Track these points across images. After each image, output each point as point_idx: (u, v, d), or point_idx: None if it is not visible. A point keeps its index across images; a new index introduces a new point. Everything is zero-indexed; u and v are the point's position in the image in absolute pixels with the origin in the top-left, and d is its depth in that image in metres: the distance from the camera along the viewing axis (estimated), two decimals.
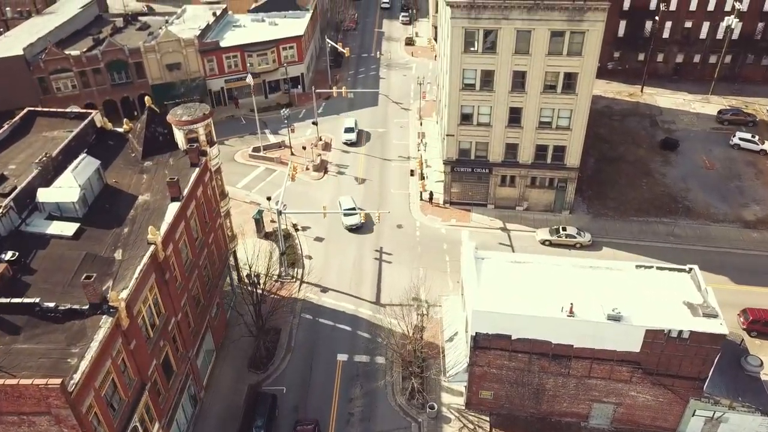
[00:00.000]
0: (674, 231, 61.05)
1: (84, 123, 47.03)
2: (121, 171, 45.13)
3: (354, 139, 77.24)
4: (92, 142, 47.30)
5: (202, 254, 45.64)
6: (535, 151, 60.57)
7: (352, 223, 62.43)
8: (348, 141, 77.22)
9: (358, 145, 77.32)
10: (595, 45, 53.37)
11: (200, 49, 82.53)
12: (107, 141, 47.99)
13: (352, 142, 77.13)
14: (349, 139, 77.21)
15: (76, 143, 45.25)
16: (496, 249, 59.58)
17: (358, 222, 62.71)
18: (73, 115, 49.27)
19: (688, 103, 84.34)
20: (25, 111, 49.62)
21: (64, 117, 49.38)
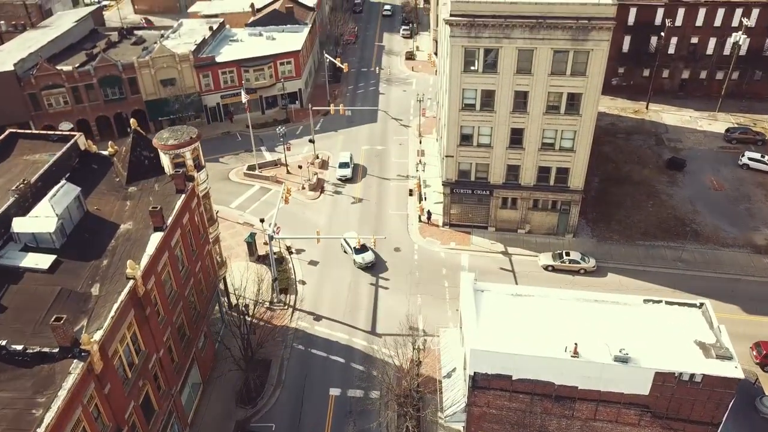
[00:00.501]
0: (682, 256, 58.80)
1: (66, 146, 45.10)
2: (103, 197, 43.15)
3: (349, 175, 72.52)
4: (75, 165, 45.37)
5: (188, 284, 43.57)
6: (537, 173, 58.50)
7: (367, 261, 58.53)
8: (342, 177, 72.36)
9: (353, 181, 72.44)
10: (600, 65, 51.41)
11: (195, 64, 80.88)
12: (91, 164, 46.07)
13: (347, 178, 72.42)
14: (343, 175, 72.44)
15: (58, 168, 43.32)
16: (496, 274, 57.56)
17: (372, 259, 58.90)
18: (56, 138, 47.38)
19: (694, 121, 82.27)
20: (6, 133, 47.78)
21: (46, 139, 47.50)
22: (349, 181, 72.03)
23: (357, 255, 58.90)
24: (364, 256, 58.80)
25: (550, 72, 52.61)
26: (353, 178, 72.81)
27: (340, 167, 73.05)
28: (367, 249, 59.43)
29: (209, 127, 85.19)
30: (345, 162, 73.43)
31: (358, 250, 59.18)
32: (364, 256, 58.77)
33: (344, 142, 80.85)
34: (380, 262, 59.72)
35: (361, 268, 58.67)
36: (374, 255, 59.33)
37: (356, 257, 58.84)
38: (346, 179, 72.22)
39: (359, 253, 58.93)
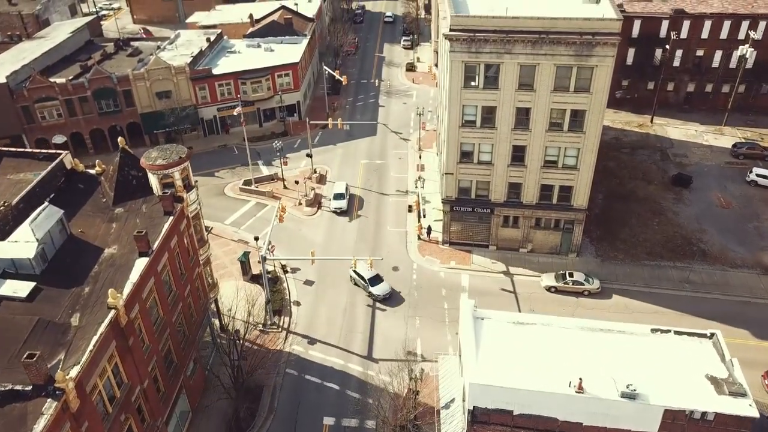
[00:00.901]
0: (689, 277, 56.93)
1: (51, 165, 43.53)
2: (89, 219, 41.51)
3: (344, 208, 67.81)
4: (60, 185, 43.78)
5: (175, 310, 41.86)
6: (539, 191, 56.78)
7: (385, 293, 55.31)
8: (337, 209, 67.92)
9: (348, 213, 67.89)
10: (605, 81, 49.80)
11: (192, 76, 79.51)
12: (77, 184, 44.47)
13: (342, 210, 67.91)
14: (338, 207, 67.87)
15: (42, 188, 41.74)
16: (498, 296, 55.81)
17: (389, 290, 55.67)
18: (41, 156, 45.88)
19: (700, 135, 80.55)
20: None
21: (32, 158, 46.05)
22: (343, 214, 67.75)
23: (373, 287, 55.44)
24: (380, 287, 55.50)
25: (552, 88, 51.01)
26: (349, 210, 68.45)
27: (335, 199, 68.84)
28: (381, 279, 56.31)
29: (205, 140, 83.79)
30: (340, 193, 69.24)
31: (373, 280, 55.96)
32: (381, 287, 55.47)
33: (343, 156, 79.30)
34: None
35: (377, 299, 55.68)
36: (388, 287, 55.93)
37: (373, 290, 55.24)
38: (341, 212, 67.98)
39: (375, 285, 55.60)
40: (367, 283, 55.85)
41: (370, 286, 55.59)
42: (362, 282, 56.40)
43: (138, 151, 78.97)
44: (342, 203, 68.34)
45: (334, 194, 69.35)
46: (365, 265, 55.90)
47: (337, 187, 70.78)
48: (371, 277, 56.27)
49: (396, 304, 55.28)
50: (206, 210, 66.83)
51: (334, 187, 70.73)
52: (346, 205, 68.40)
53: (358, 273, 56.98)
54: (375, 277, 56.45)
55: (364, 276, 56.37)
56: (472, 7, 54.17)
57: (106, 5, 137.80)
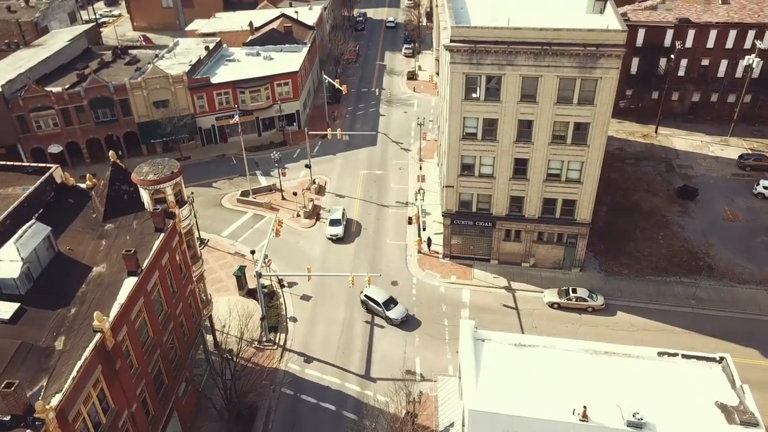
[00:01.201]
0: (696, 293, 55.52)
1: (41, 180, 42.42)
2: (78, 235, 40.34)
3: (340, 234, 64.05)
4: (50, 200, 42.66)
5: (166, 329, 40.61)
6: (542, 205, 55.50)
7: (402, 316, 53.11)
8: (333, 236, 64.08)
9: (345, 241, 64.23)
10: (609, 93, 48.55)
11: (189, 85, 78.49)
12: (67, 199, 43.33)
13: (339, 237, 64.16)
14: (334, 234, 64.04)
15: (30, 203, 40.62)
16: (499, 312, 54.48)
17: (404, 312, 53.45)
18: (31, 170, 44.79)
19: (705, 146, 79.21)
20: None
21: (21, 171, 44.97)
22: (340, 241, 64.13)
23: (389, 311, 53.01)
24: (397, 310, 53.23)
25: (555, 100, 49.79)
26: (345, 237, 64.60)
27: (331, 225, 64.97)
28: (395, 301, 54.27)
29: (203, 150, 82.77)
30: (336, 219, 65.43)
31: (387, 303, 53.58)
32: (397, 311, 53.17)
33: (342, 166, 78.15)
34: None
35: (395, 324, 53.28)
36: (404, 310, 53.66)
37: (389, 314, 52.79)
38: (337, 239, 64.28)
39: (390, 309, 53.31)
40: (382, 308, 53.33)
41: (385, 310, 53.12)
42: (376, 306, 53.86)
43: (135, 161, 78.94)
44: (338, 230, 64.63)
45: (330, 220, 65.57)
46: (377, 288, 54.46)
47: (333, 212, 66.88)
48: (385, 301, 53.76)
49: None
50: (203, 222, 66.18)
51: (331, 212, 66.96)
52: (342, 231, 64.59)
53: (370, 297, 54.33)
54: (389, 300, 53.99)
55: (377, 300, 53.87)
56: (474, 17, 53.04)
57: (107, 12, 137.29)
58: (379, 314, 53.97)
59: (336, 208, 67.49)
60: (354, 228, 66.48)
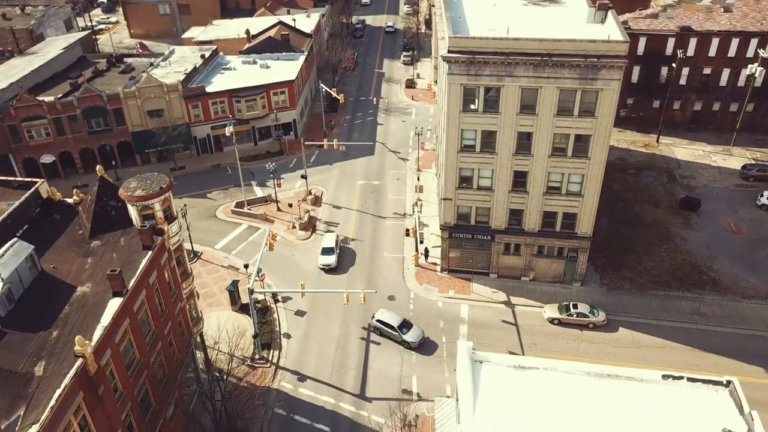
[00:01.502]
0: (699, 309, 54.23)
1: (26, 195, 41.19)
2: (63, 253, 39.10)
3: (333, 265, 59.46)
4: (35, 216, 41.44)
5: (154, 350, 39.31)
6: (542, 219, 54.29)
7: (420, 339, 51.06)
8: (325, 266, 59.72)
9: (338, 271, 59.84)
10: (611, 105, 47.40)
11: (184, 94, 77.39)
12: (53, 215, 42.14)
13: (331, 267, 59.75)
14: (326, 264, 59.61)
15: (15, 220, 39.37)
16: (498, 328, 53.21)
17: (421, 334, 51.37)
18: (16, 185, 43.56)
19: (708, 155, 78.04)
20: None
21: (6, 186, 43.68)
22: (332, 272, 59.97)
23: (405, 335, 50.74)
24: (413, 333, 51.08)
25: (555, 112, 48.64)
26: (339, 266, 60.14)
27: (323, 254, 60.47)
28: (410, 323, 52.04)
29: (198, 159, 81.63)
30: (329, 247, 60.84)
31: (403, 327, 51.25)
32: (414, 333, 51.03)
33: (339, 176, 76.96)
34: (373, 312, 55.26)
35: (409, 347, 51.05)
36: (420, 333, 51.57)
37: (406, 338, 50.52)
38: (329, 269, 59.84)
39: (406, 332, 50.94)
40: (398, 331, 50.91)
41: (401, 334, 50.70)
42: (391, 331, 51.42)
43: (129, 171, 78.13)
44: (330, 259, 60.05)
45: (322, 248, 61.15)
46: (388, 312, 52.70)
47: (326, 239, 62.37)
48: (400, 324, 51.48)
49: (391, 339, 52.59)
50: (196, 234, 65.01)
51: (323, 239, 62.56)
52: (335, 261, 60.04)
53: (383, 321, 51.88)
54: (404, 323, 51.69)
55: (391, 323, 51.50)
56: (472, 27, 51.92)
57: (104, 19, 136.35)
58: (394, 339, 51.46)
59: (329, 234, 63.60)
60: (349, 253, 62.73)
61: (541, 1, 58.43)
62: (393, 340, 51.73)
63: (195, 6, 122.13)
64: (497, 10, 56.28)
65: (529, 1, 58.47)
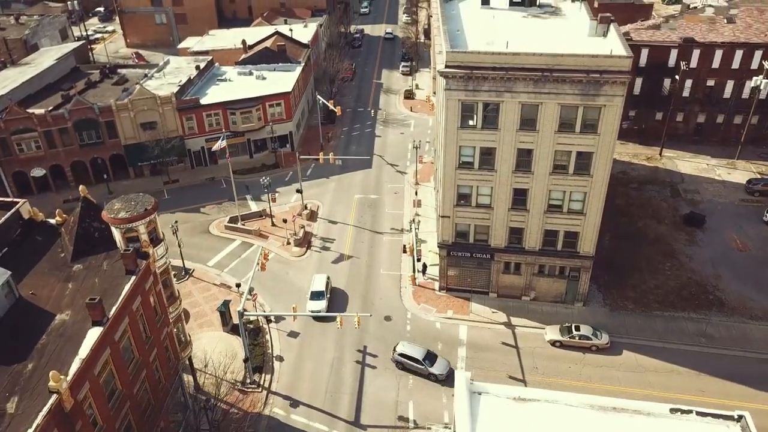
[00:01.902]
0: (706, 330, 52.50)
1: (6, 216, 39.62)
2: (43, 278, 37.47)
3: (323, 311, 54.00)
4: (16, 237, 39.87)
5: (138, 378, 37.63)
6: (543, 237, 52.64)
7: (447, 372, 48.18)
8: (315, 312, 53.83)
9: (329, 319, 54.07)
10: (614, 122, 45.86)
11: (178, 107, 75.95)
12: (35, 236, 40.54)
13: (320, 315, 53.69)
14: (315, 310, 54.09)
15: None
16: (498, 351, 51.47)
17: (447, 365, 48.74)
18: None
19: (712, 169, 76.46)
20: None
21: None
22: (323, 319, 54.64)
23: (433, 368, 48.03)
24: (440, 365, 48.38)
25: (557, 129, 47.09)
26: (331, 312, 54.32)
27: (312, 299, 55.33)
28: (435, 354, 49.29)
29: (193, 173, 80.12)
30: (319, 291, 55.61)
31: (428, 359, 48.47)
32: (440, 365, 48.32)
33: (336, 190, 75.39)
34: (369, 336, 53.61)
35: (440, 381, 48.51)
36: (447, 365, 48.85)
37: (433, 370, 47.88)
38: (319, 316, 54.30)
39: (433, 365, 48.20)
40: (424, 364, 48.09)
41: (428, 367, 47.90)
42: (415, 365, 48.58)
43: (121, 185, 76.61)
44: (320, 305, 54.64)
45: (312, 292, 55.77)
46: (409, 344, 50.00)
47: (315, 281, 57.06)
48: (425, 356, 48.71)
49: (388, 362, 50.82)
50: (188, 250, 63.42)
51: (313, 281, 57.25)
52: (325, 306, 54.72)
53: (406, 355, 48.86)
54: (429, 355, 48.97)
55: (415, 356, 48.66)
56: (471, 40, 50.48)
57: (100, 28, 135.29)
58: (419, 372, 48.70)
59: (318, 276, 58.02)
60: (341, 297, 57.61)
61: (542, 13, 57.06)
62: (418, 374, 48.92)
63: (191, 15, 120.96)
64: (496, 22, 54.92)
65: (529, 14, 57.10)
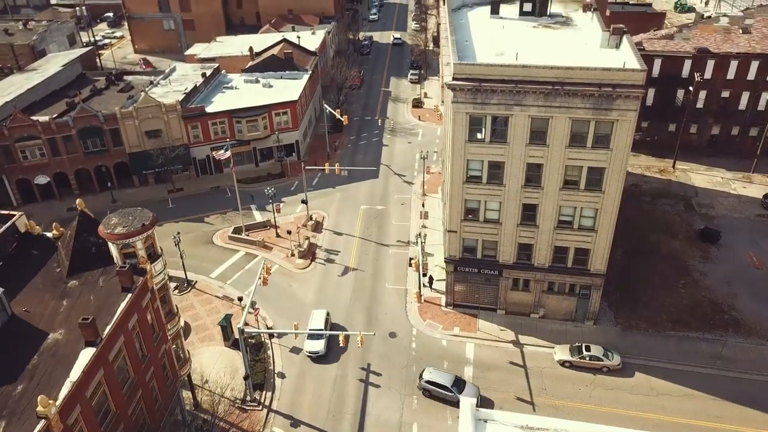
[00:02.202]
0: (722, 352, 50.77)
1: (2, 229, 38.75)
2: (37, 294, 36.53)
3: (321, 352, 50.60)
4: (11, 251, 38.98)
5: (133, 398, 36.54)
6: (552, 254, 51.17)
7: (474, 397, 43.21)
8: (312, 354, 50.81)
9: (327, 359, 50.88)
10: (627, 137, 44.40)
11: (183, 115, 75.13)
12: (31, 250, 39.64)
13: (319, 355, 50.83)
14: (313, 351, 50.71)
15: None
16: (506, 370, 50.02)
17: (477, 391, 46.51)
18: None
19: (726, 183, 74.67)
20: None
21: None
22: (321, 359, 51.03)
23: (463, 395, 44.81)
24: (470, 391, 46.20)
25: (567, 143, 45.69)
26: (328, 354, 51.11)
27: (310, 338, 51.41)
28: (464, 381, 47.46)
29: (197, 181, 79.23)
30: (317, 330, 51.40)
31: (457, 386, 46.39)
32: (471, 391, 46.17)
33: (341, 201, 74.23)
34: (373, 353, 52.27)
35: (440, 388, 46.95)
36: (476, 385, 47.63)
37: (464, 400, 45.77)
38: (317, 357, 50.93)
39: (462, 391, 45.90)
40: (453, 391, 45.93)
41: (458, 393, 45.35)
42: (444, 392, 46.55)
43: (125, 193, 75.85)
44: (318, 345, 50.96)
45: (309, 329, 51.46)
46: (436, 371, 47.90)
47: (314, 318, 53.28)
48: (454, 382, 46.71)
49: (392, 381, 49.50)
50: (191, 261, 62.41)
51: (311, 319, 53.40)
52: (324, 347, 50.98)
53: (433, 382, 46.70)
54: (457, 381, 47.06)
55: (444, 383, 46.56)
56: (479, 51, 49.29)
57: (109, 34, 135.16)
58: (448, 400, 46.52)
59: (317, 312, 54.04)
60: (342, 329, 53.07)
61: (552, 23, 55.78)
62: (446, 402, 46.79)
63: (199, 22, 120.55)
64: (506, 32, 53.73)
65: (539, 24, 55.84)
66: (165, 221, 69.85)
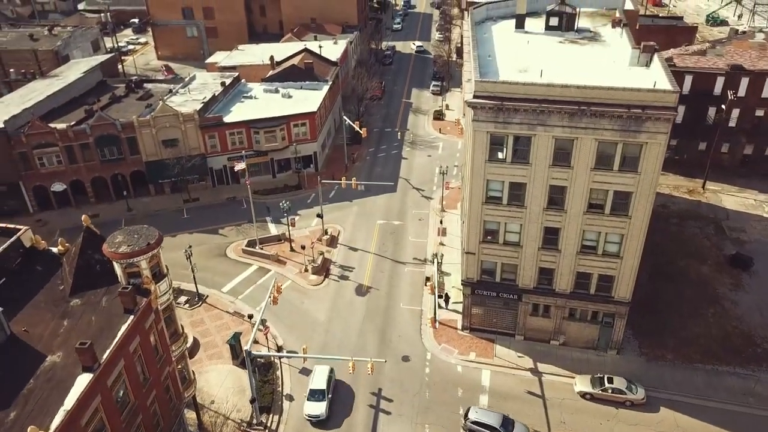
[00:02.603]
0: (754, 389, 47.99)
1: (6, 244, 37.88)
2: (38, 313, 35.48)
3: (323, 415, 45.42)
4: (15, 267, 38.06)
5: (133, 424, 35.24)
6: (575, 279, 48.95)
7: None
8: (314, 417, 45.69)
9: (329, 424, 45.75)
10: (656, 161, 42.14)
11: (201, 124, 74.41)
12: (35, 265, 38.70)
13: (320, 419, 45.66)
14: (314, 414, 45.60)
15: None
16: (523, 400, 47.86)
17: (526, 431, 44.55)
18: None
19: (759, 205, 71.56)
20: None
21: None
22: (321, 424, 45.79)
23: None
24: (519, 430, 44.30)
25: (593, 166, 43.54)
26: (330, 418, 45.98)
27: (310, 399, 46.44)
28: (512, 421, 44.56)
29: (214, 191, 78.38)
30: (318, 390, 46.64)
31: (505, 425, 43.86)
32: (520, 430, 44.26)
33: (358, 215, 72.71)
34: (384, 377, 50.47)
35: None
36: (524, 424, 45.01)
37: None
38: (317, 420, 45.76)
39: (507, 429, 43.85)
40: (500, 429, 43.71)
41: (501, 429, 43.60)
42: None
43: (141, 201, 75.24)
44: (319, 409, 45.74)
45: (310, 390, 46.83)
46: (483, 410, 45.36)
47: (315, 376, 48.09)
48: (502, 422, 44.01)
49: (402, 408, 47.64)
50: (203, 274, 61.32)
51: (312, 376, 48.29)
52: (326, 410, 45.73)
53: (481, 423, 43.90)
54: (506, 421, 44.30)
55: (492, 424, 43.80)
56: (502, 67, 47.45)
57: (133, 40, 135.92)
58: None
59: (319, 368, 48.82)
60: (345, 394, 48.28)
61: (580, 39, 53.73)
62: None
63: (222, 29, 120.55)
64: (531, 48, 51.79)
65: (566, 39, 53.81)
66: (179, 232, 69.19)
